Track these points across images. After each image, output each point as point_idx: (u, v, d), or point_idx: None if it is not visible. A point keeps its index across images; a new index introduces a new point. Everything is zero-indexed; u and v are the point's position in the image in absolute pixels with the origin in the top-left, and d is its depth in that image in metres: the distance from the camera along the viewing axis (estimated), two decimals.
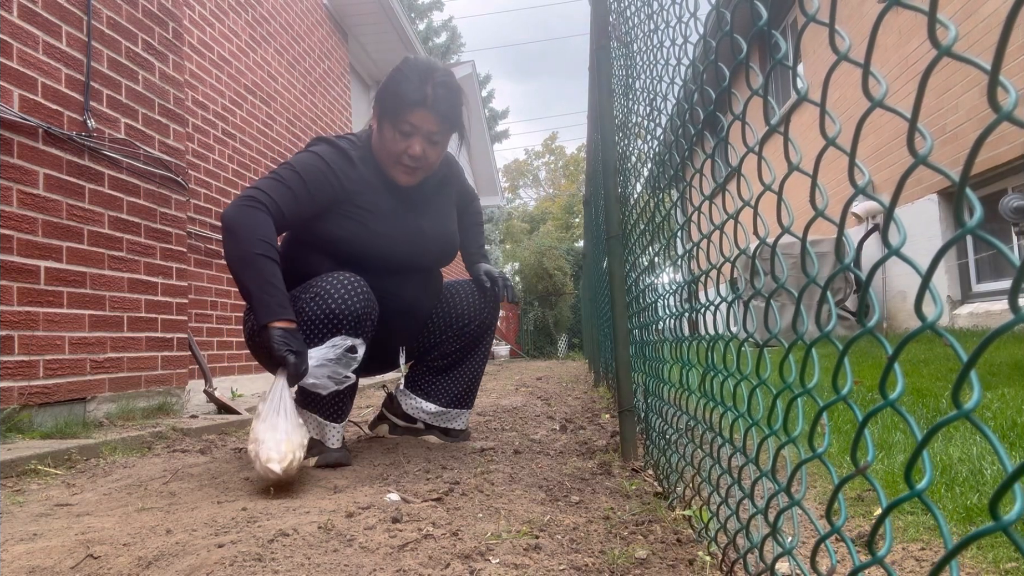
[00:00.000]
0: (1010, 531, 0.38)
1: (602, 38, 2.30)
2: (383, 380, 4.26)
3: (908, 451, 1.69)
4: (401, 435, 2.51)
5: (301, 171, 1.97)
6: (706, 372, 1.12)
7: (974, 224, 0.41)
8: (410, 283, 2.21)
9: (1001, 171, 4.37)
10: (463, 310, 2.40)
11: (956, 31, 0.43)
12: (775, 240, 0.75)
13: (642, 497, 1.57)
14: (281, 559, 1.13)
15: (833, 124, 0.58)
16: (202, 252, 4.37)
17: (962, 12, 4.50)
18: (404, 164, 2.05)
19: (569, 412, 3.40)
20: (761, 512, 0.84)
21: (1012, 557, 1.03)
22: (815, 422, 0.66)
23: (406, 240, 2.12)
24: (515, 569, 1.07)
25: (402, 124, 2.00)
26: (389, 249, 2.10)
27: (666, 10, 1.25)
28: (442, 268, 2.36)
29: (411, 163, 2.04)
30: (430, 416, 2.42)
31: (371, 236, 2.06)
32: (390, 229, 2.09)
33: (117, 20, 3.02)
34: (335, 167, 2.01)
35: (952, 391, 0.42)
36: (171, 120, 3.37)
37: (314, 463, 1.98)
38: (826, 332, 0.64)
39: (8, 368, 2.37)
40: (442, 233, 2.25)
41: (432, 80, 2.01)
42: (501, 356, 14.56)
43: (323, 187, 1.99)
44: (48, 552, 1.19)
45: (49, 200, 2.58)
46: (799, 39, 0.90)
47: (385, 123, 2.03)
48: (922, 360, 3.38)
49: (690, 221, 1.19)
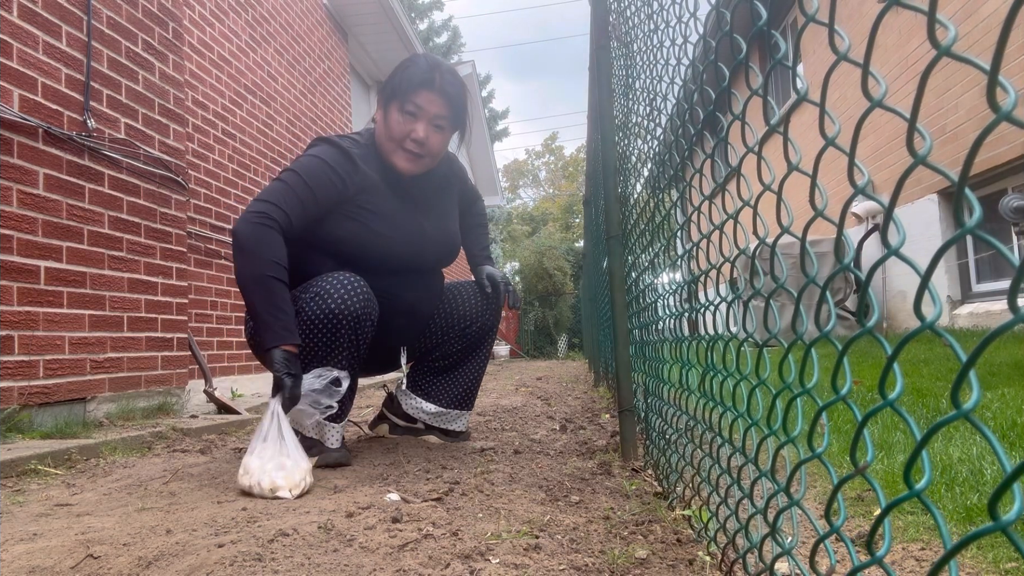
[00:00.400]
0: (1009, 531, 0.38)
1: (602, 38, 2.30)
2: (383, 380, 4.26)
3: (908, 451, 1.69)
4: (401, 435, 2.52)
5: (307, 178, 1.97)
6: (706, 372, 1.12)
7: (973, 224, 0.41)
8: (411, 284, 2.20)
9: (1001, 171, 4.37)
10: (465, 311, 2.40)
11: (955, 31, 0.43)
12: (775, 240, 0.76)
13: (642, 497, 1.57)
14: (281, 559, 1.13)
15: (833, 124, 0.58)
16: (202, 252, 4.37)
17: (962, 12, 4.50)
18: (407, 149, 2.05)
19: (569, 412, 3.40)
20: (760, 512, 0.84)
21: (1012, 557, 1.03)
22: (814, 422, 0.66)
23: (407, 240, 2.12)
24: (515, 569, 1.07)
25: (408, 104, 2.02)
26: (390, 249, 2.10)
27: (666, 10, 1.26)
28: (444, 268, 2.37)
29: (415, 148, 2.05)
30: (430, 416, 2.42)
31: (372, 236, 2.06)
32: (391, 229, 2.09)
33: (117, 20, 3.02)
34: (338, 169, 2.01)
35: (951, 391, 0.42)
36: (171, 120, 3.37)
37: (314, 463, 1.98)
38: (825, 332, 0.64)
39: (8, 368, 2.37)
40: (444, 233, 2.25)
41: (440, 69, 2.06)
42: (501, 356, 14.56)
43: (328, 191, 1.99)
44: (48, 552, 1.19)
45: (49, 200, 2.58)
46: (799, 39, 0.90)
47: (392, 106, 2.04)
48: (922, 360, 3.38)
49: (690, 221, 1.19)
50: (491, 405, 3.82)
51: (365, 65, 8.72)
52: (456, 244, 2.32)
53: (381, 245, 2.08)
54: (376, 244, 2.07)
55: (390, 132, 2.05)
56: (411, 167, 2.08)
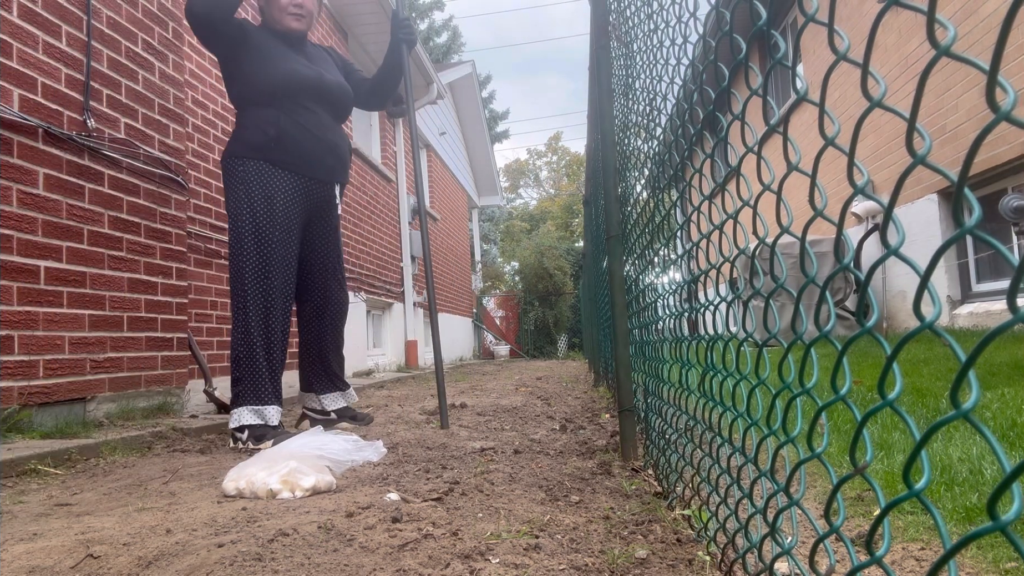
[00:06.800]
0: (1008, 531, 0.38)
1: (602, 38, 2.30)
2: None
3: (907, 451, 1.69)
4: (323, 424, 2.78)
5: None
6: (706, 372, 1.12)
7: (973, 224, 0.41)
8: (327, 124, 2.72)
9: (1001, 171, 4.37)
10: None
11: (955, 31, 0.43)
12: (774, 240, 0.76)
13: (642, 497, 1.57)
14: (281, 559, 1.13)
15: (832, 124, 0.58)
16: (202, 252, 4.37)
17: (962, 12, 4.50)
18: (292, 13, 2.68)
19: (569, 412, 3.40)
20: (760, 512, 0.84)
21: (1012, 557, 1.03)
22: (814, 422, 0.66)
23: (309, 71, 2.67)
24: (515, 569, 1.07)
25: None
26: (298, 73, 2.64)
27: (666, 10, 1.26)
28: (345, 118, 2.90)
29: (297, 11, 2.69)
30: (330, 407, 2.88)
31: (285, 62, 2.64)
32: (297, 63, 2.66)
33: (117, 20, 3.02)
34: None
35: (951, 391, 0.42)
36: (171, 120, 3.37)
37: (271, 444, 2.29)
38: (825, 332, 0.64)
39: (8, 368, 2.37)
40: (337, 79, 2.81)
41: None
42: (501, 356, 14.57)
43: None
44: (48, 552, 1.19)
45: (49, 200, 2.58)
46: (799, 39, 0.90)
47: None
48: (922, 360, 3.38)
49: (690, 221, 1.19)
50: (491, 405, 3.82)
51: (365, 65, 8.71)
52: (350, 89, 2.88)
53: (291, 69, 2.61)
54: (289, 69, 2.61)
55: (279, 3, 2.66)
56: (299, 25, 2.71)
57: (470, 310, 14.46)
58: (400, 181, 9.16)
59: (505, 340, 15.60)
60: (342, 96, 2.80)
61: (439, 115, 11.60)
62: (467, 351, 13.63)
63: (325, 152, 2.70)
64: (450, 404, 3.71)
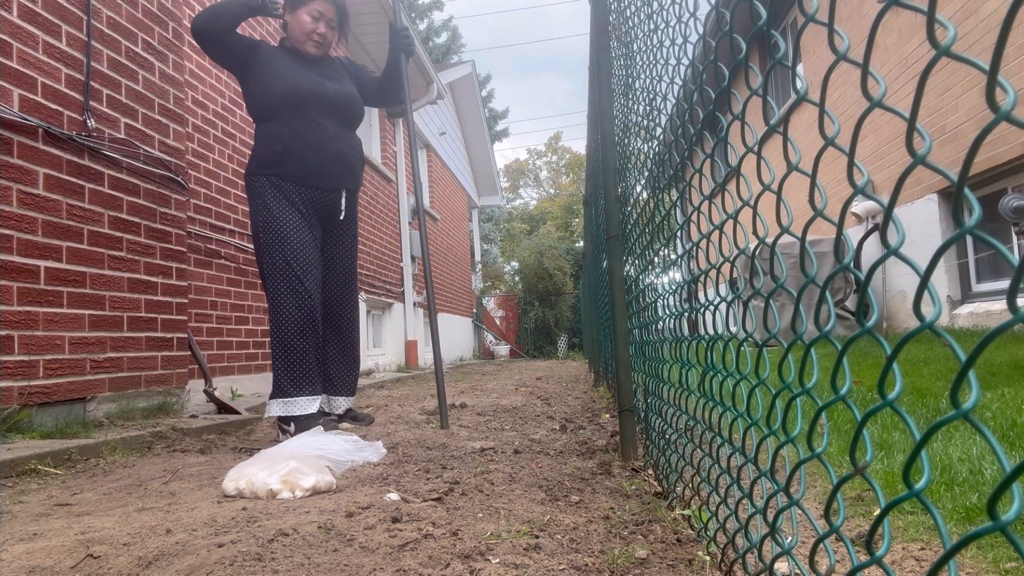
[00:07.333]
0: (1008, 531, 0.38)
1: (602, 38, 2.30)
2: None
3: (907, 451, 1.69)
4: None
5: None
6: (705, 372, 1.12)
7: (973, 224, 0.41)
8: (335, 135, 2.82)
9: (1001, 171, 4.37)
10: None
11: (955, 31, 0.43)
12: (774, 240, 0.76)
13: (642, 497, 1.57)
14: (281, 559, 1.13)
15: (832, 124, 0.58)
16: (202, 252, 4.37)
17: (962, 12, 4.50)
18: (314, 40, 2.83)
19: (569, 412, 3.40)
20: (760, 512, 0.84)
21: (1012, 557, 1.03)
22: (814, 422, 0.66)
23: (315, 84, 2.79)
24: (515, 569, 1.07)
25: (312, 11, 2.81)
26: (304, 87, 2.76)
27: (666, 10, 1.25)
28: (355, 127, 2.97)
29: (319, 39, 2.84)
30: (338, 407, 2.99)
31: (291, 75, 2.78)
32: (303, 78, 2.78)
33: (117, 20, 3.02)
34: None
35: (951, 391, 0.42)
36: (171, 120, 3.37)
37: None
38: (825, 332, 0.64)
39: (8, 368, 2.37)
40: (345, 88, 2.91)
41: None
42: (501, 356, 14.56)
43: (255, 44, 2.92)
44: (48, 552, 1.19)
45: (49, 200, 2.58)
46: (799, 39, 0.90)
47: (299, 11, 2.82)
48: (922, 360, 3.38)
49: (690, 221, 1.19)
50: (491, 405, 3.82)
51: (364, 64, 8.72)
52: (357, 96, 2.97)
53: (293, 83, 2.74)
54: (291, 83, 2.74)
55: (302, 29, 2.82)
56: (317, 51, 2.87)
57: (470, 310, 14.46)
58: (400, 181, 9.15)
59: (505, 340, 15.60)
60: (348, 104, 2.89)
61: (439, 115, 11.60)
62: (467, 351, 13.63)
63: (331, 162, 2.80)
64: (450, 404, 3.71)
